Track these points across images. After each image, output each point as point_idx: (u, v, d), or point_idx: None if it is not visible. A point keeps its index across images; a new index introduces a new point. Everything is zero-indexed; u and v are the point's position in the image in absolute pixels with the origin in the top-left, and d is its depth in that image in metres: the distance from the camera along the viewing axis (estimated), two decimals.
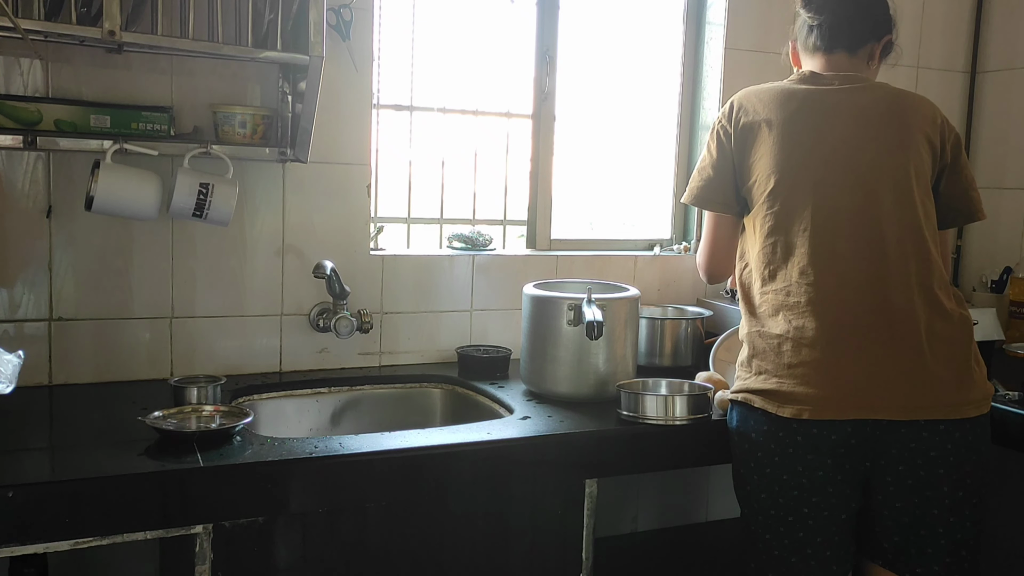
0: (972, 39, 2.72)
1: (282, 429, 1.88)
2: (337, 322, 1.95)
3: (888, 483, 1.49)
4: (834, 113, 1.59)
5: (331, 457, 1.43)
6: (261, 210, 1.94)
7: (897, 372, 1.47)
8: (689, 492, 2.51)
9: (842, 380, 1.48)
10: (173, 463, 1.36)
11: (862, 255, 1.51)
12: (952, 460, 1.47)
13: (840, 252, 1.52)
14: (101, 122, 1.71)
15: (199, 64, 1.85)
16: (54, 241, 1.78)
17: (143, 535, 1.32)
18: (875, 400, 1.47)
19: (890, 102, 1.61)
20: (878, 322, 1.49)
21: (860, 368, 1.48)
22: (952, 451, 1.47)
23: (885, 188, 1.53)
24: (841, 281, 1.51)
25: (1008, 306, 2.49)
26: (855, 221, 1.53)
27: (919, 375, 1.47)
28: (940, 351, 1.49)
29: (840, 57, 1.67)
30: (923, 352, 1.48)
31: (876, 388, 1.47)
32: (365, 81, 2.01)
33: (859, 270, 1.51)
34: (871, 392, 1.47)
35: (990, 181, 2.70)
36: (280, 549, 1.42)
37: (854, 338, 1.49)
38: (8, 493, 1.22)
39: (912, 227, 1.53)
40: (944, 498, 1.48)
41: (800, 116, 1.59)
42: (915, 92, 1.69)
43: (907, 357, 1.48)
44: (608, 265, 2.33)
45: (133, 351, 1.87)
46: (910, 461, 1.48)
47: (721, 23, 2.40)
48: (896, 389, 1.47)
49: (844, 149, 1.56)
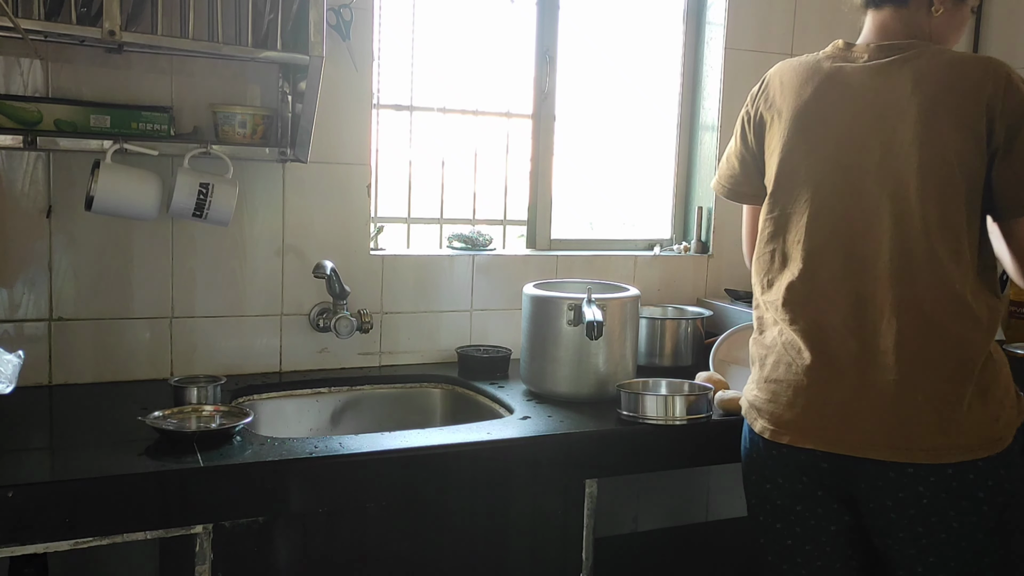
0: (972, 39, 2.72)
1: (282, 429, 1.88)
2: (337, 322, 1.95)
3: (871, 510, 1.39)
4: (849, 100, 1.40)
5: (331, 457, 1.43)
6: (261, 210, 1.94)
7: (867, 407, 1.35)
8: (689, 492, 2.51)
9: (809, 407, 1.39)
10: (173, 463, 1.36)
11: (854, 273, 1.38)
12: (926, 503, 1.32)
13: (832, 270, 1.40)
14: (101, 122, 1.71)
15: (199, 64, 1.85)
16: (54, 241, 1.78)
17: (143, 535, 1.32)
18: (836, 433, 1.37)
19: (918, 80, 1.34)
20: (861, 350, 1.36)
21: (828, 398, 1.38)
22: (926, 494, 1.32)
23: (885, 195, 1.35)
24: (829, 303, 1.39)
25: (1008, 306, 2.48)
26: (850, 233, 1.38)
27: (889, 413, 1.34)
28: (925, 385, 1.32)
29: (886, 14, 1.44)
30: (900, 387, 1.33)
31: (840, 421, 1.36)
32: (365, 81, 2.01)
33: (848, 291, 1.38)
34: (836, 424, 1.37)
35: None
36: (280, 549, 1.42)
37: (832, 365, 1.38)
38: (8, 493, 1.22)
39: (911, 240, 1.34)
40: (920, 538, 1.34)
41: (811, 106, 1.43)
42: (975, 56, 1.38)
43: (878, 392, 1.34)
44: (608, 265, 2.33)
45: (133, 351, 1.87)
46: (878, 500, 1.36)
47: (721, 23, 2.40)
48: (859, 425, 1.35)
49: (848, 148, 1.39)
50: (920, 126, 1.33)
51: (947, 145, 1.31)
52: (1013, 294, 2.48)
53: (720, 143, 2.41)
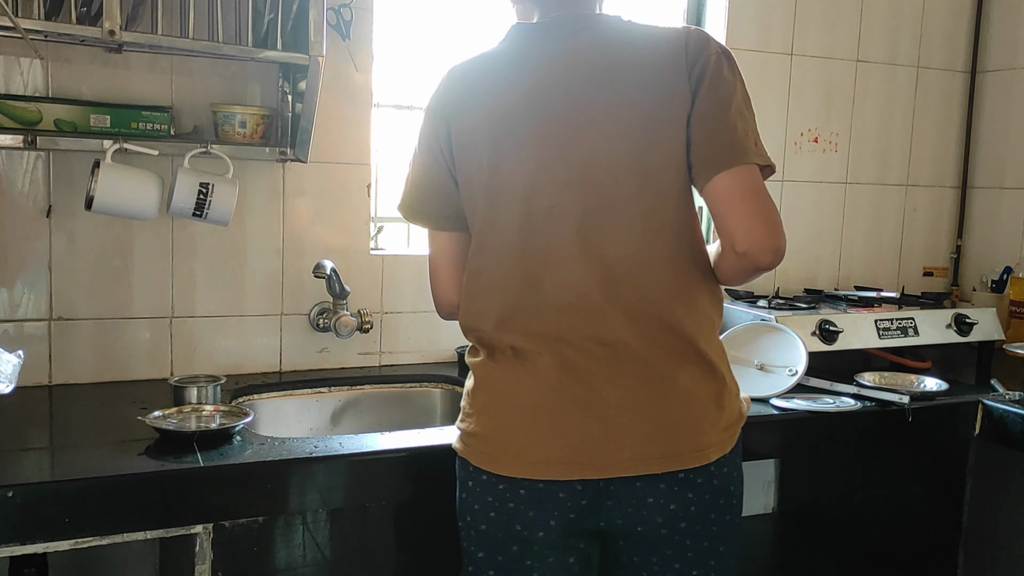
0: (972, 39, 2.72)
1: (282, 429, 1.88)
2: (337, 322, 1.95)
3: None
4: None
5: (331, 457, 1.43)
6: (261, 210, 1.94)
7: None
8: None
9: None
10: (173, 463, 1.36)
11: (579, 278, 1.25)
12: (694, 511, 1.25)
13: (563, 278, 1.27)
14: (101, 122, 1.71)
15: (199, 64, 1.85)
16: (54, 241, 1.78)
17: (143, 535, 1.32)
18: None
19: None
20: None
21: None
22: (694, 500, 1.25)
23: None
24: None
25: (1008, 306, 2.49)
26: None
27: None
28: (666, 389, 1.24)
29: None
30: (606, 401, 1.23)
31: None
32: (365, 81, 2.01)
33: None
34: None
35: (990, 181, 2.70)
36: (280, 549, 1.42)
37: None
38: (8, 493, 1.22)
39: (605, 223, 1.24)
40: (687, 551, 1.27)
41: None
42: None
43: (585, 413, 1.23)
44: None
45: (133, 351, 1.87)
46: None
47: (721, 23, 2.40)
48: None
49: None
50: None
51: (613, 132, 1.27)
52: (1013, 294, 2.48)
53: None
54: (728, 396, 1.30)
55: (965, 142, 2.74)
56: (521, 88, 1.27)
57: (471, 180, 1.31)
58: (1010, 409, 1.84)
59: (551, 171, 1.25)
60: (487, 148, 1.28)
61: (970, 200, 2.76)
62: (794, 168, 2.53)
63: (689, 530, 1.26)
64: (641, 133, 1.24)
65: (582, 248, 1.24)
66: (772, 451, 1.99)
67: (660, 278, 1.25)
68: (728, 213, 1.24)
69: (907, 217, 2.72)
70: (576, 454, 1.22)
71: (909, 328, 2.16)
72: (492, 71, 1.32)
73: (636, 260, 1.25)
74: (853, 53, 2.56)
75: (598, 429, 1.22)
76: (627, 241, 1.24)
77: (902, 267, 2.73)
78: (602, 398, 1.23)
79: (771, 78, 2.46)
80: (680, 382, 1.25)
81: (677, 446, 1.23)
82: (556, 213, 1.25)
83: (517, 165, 1.26)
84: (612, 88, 1.25)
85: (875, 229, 2.68)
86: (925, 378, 2.01)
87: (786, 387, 1.86)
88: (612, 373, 1.23)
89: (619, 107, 1.25)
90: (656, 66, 1.26)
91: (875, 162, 2.65)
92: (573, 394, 1.23)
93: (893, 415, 1.82)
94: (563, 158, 1.25)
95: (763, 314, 2.08)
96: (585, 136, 1.25)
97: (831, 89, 2.54)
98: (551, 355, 1.24)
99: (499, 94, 1.29)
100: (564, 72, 1.27)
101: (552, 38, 1.30)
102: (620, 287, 1.24)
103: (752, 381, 1.91)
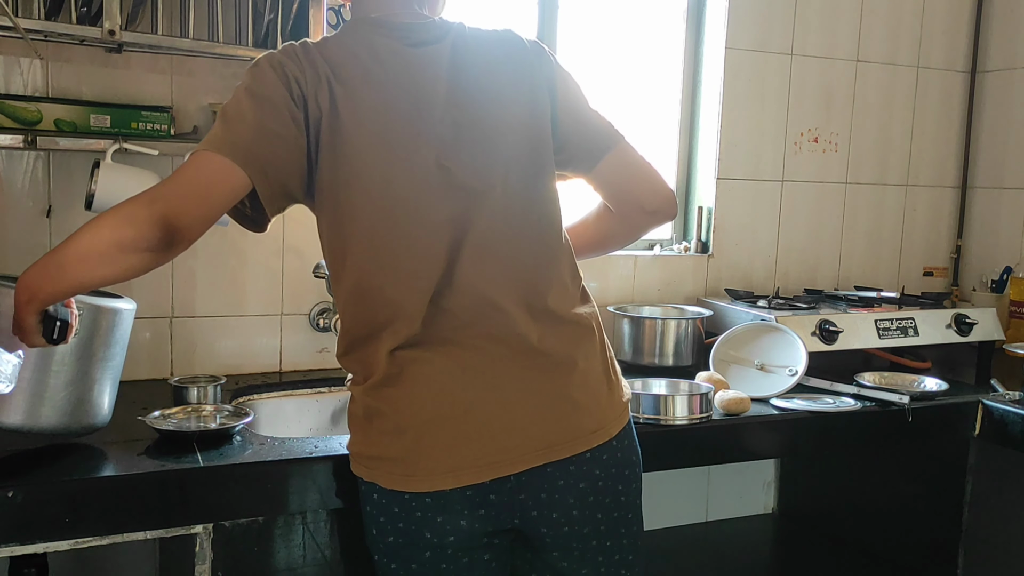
0: (972, 39, 2.72)
1: (282, 429, 1.88)
2: (337, 322, 1.95)
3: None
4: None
5: (331, 457, 1.43)
6: None
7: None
8: (689, 492, 2.51)
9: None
10: (173, 463, 1.36)
11: (474, 281, 1.26)
12: (602, 485, 1.28)
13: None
14: (101, 122, 1.71)
15: (199, 64, 1.85)
16: (54, 241, 1.78)
17: (143, 535, 1.32)
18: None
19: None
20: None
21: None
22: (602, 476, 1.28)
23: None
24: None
25: (1008, 306, 2.49)
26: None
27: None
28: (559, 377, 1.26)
29: None
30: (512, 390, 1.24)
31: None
32: None
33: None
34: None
35: (990, 181, 2.70)
36: (280, 549, 1.42)
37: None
38: (8, 493, 1.22)
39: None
40: (600, 524, 1.29)
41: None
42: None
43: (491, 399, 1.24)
44: (608, 265, 2.33)
45: (133, 351, 1.85)
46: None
47: (721, 23, 2.40)
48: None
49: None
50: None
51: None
52: (1013, 294, 2.48)
53: (721, 143, 2.41)
54: (615, 372, 1.34)
55: (965, 142, 2.75)
56: (402, 89, 1.25)
57: (356, 173, 1.23)
58: (1010, 409, 1.84)
59: (447, 176, 1.24)
60: (375, 147, 1.23)
61: (970, 200, 2.76)
62: (794, 168, 2.53)
63: (598, 503, 1.28)
64: (522, 133, 1.30)
65: (479, 252, 1.25)
66: (772, 451, 1.99)
67: (546, 271, 1.29)
68: (628, 182, 1.42)
69: (907, 217, 2.72)
70: (485, 454, 1.21)
71: (909, 328, 2.16)
72: (361, 61, 1.25)
73: (526, 257, 1.28)
74: (853, 53, 2.56)
75: (502, 425, 1.22)
76: (518, 238, 1.27)
77: (902, 267, 2.73)
78: (503, 394, 1.23)
79: (771, 78, 2.46)
80: (576, 364, 1.27)
81: (581, 427, 1.25)
82: (454, 220, 1.24)
83: (411, 169, 1.24)
84: (487, 92, 1.29)
85: (875, 229, 2.68)
86: (925, 378, 2.01)
87: (786, 387, 1.86)
88: (511, 368, 1.24)
89: (499, 110, 1.29)
90: (515, 69, 1.32)
91: (875, 162, 2.65)
92: (474, 396, 1.22)
93: (893, 415, 1.82)
94: (458, 164, 1.25)
95: (763, 314, 2.08)
96: (474, 142, 1.27)
97: (831, 89, 2.54)
98: (448, 360, 1.23)
99: (378, 88, 1.24)
100: (440, 78, 1.27)
101: (415, 43, 1.28)
102: (514, 285, 1.26)
103: (752, 381, 1.91)
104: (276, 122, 1.20)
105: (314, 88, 1.22)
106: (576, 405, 1.26)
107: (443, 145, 1.25)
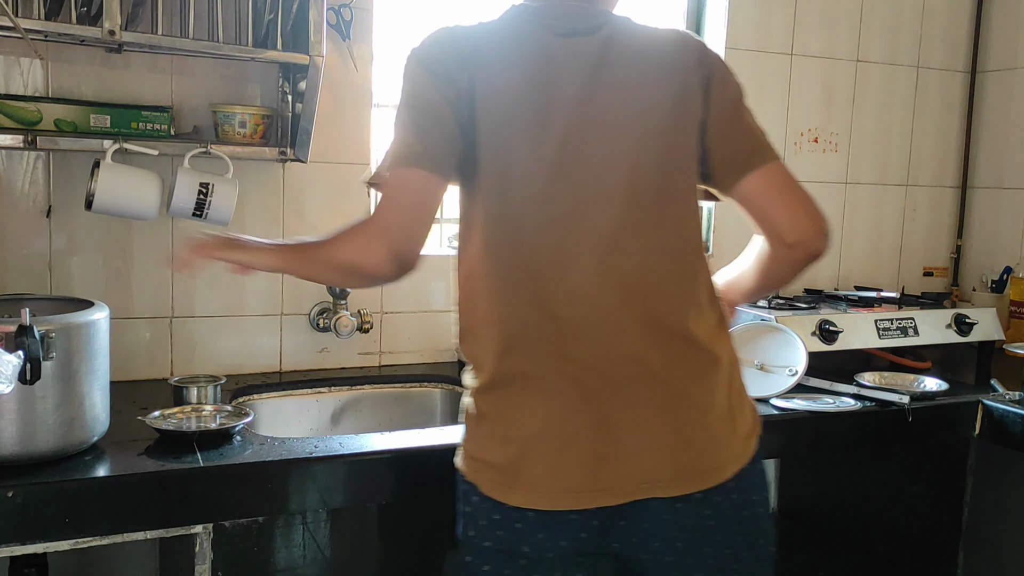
0: (972, 39, 2.72)
1: (282, 429, 1.88)
2: (337, 322, 1.95)
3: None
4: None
5: (331, 457, 1.43)
6: (261, 210, 1.94)
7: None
8: None
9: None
10: (173, 463, 1.36)
11: (594, 292, 1.20)
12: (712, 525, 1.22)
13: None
14: (101, 122, 1.71)
15: (199, 64, 1.85)
16: (54, 241, 1.78)
17: (143, 535, 1.32)
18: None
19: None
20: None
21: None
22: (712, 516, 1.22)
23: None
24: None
25: (1008, 306, 2.49)
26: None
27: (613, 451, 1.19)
28: (676, 407, 1.20)
29: None
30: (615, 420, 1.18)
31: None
32: (365, 81, 2.01)
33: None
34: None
35: (990, 181, 2.70)
36: (280, 549, 1.42)
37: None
38: (8, 493, 1.22)
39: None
40: (707, 558, 1.22)
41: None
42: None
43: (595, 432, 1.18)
44: None
45: (133, 351, 1.87)
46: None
47: (721, 23, 2.40)
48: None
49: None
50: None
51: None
52: (1013, 294, 2.48)
53: None
54: (741, 405, 1.26)
55: (965, 142, 2.75)
56: (538, 78, 1.20)
57: (483, 159, 1.20)
58: (1010, 409, 1.84)
59: (569, 174, 1.19)
60: (500, 134, 1.20)
61: (970, 200, 2.76)
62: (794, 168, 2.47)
63: (708, 540, 1.21)
64: (660, 139, 1.22)
65: (599, 259, 1.18)
66: (772, 451, 1.99)
67: (678, 289, 1.21)
68: (769, 208, 1.25)
69: (907, 217, 2.72)
70: (588, 482, 1.17)
71: (909, 328, 2.16)
72: (502, 47, 1.22)
73: (655, 271, 1.20)
74: (853, 53, 2.56)
75: (610, 453, 1.17)
76: (646, 250, 1.20)
77: (902, 267, 2.73)
78: (614, 421, 1.17)
79: (771, 78, 2.46)
80: (695, 399, 1.20)
81: (694, 467, 1.19)
82: (572, 220, 1.19)
83: (533, 162, 1.19)
84: (630, 92, 1.22)
85: (875, 229, 2.68)
86: (925, 378, 2.01)
87: (786, 387, 1.86)
88: (625, 393, 1.18)
89: (638, 113, 1.22)
90: (668, 71, 1.25)
91: (875, 162, 2.65)
92: (585, 419, 1.17)
93: (893, 415, 1.82)
94: (582, 162, 1.19)
95: (763, 314, 2.08)
96: (604, 140, 1.20)
97: (831, 89, 2.54)
98: (560, 377, 1.18)
99: (513, 75, 1.20)
100: (582, 71, 1.21)
101: (565, 32, 1.23)
102: (638, 300, 1.18)
103: (752, 381, 1.89)
104: (438, 118, 1.19)
105: (456, 71, 1.19)
106: (689, 443, 1.19)
107: (568, 140, 1.19)
